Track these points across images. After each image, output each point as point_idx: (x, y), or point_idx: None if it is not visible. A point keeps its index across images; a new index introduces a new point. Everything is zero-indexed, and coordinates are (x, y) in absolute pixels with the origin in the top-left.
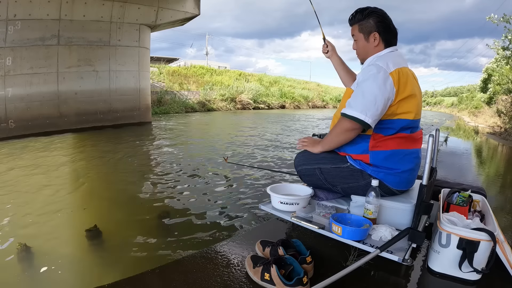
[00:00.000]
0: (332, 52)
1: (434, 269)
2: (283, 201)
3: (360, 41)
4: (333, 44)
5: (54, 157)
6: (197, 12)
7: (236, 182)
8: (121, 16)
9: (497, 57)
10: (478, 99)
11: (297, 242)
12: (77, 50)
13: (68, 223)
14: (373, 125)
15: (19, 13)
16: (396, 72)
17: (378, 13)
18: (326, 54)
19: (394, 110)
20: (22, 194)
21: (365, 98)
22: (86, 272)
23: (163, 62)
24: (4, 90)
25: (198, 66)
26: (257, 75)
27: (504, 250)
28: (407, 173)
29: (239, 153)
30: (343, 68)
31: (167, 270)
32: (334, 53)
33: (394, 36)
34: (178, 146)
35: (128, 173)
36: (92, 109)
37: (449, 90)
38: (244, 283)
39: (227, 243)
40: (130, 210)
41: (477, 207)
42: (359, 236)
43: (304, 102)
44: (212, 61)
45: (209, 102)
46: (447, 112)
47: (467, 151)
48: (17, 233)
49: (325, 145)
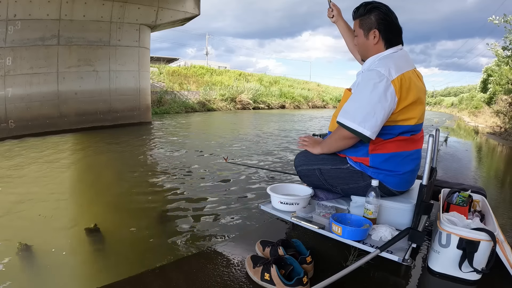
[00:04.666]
0: (337, 17)
1: (434, 269)
2: (283, 201)
3: (360, 37)
4: (338, 8)
5: (54, 157)
6: (197, 12)
7: (236, 182)
8: (121, 16)
9: (497, 60)
10: (478, 99)
11: (297, 242)
12: (77, 50)
13: (68, 223)
14: (374, 137)
15: (19, 13)
16: (399, 79)
17: (381, 9)
18: (332, 19)
19: (395, 117)
20: (21, 193)
21: (364, 109)
22: (86, 272)
23: (163, 62)
24: (4, 90)
25: (198, 66)
26: (257, 75)
27: (504, 250)
28: (408, 174)
29: (239, 153)
30: (349, 34)
31: (167, 270)
32: (340, 17)
33: (396, 35)
34: (178, 146)
35: (128, 173)
36: (92, 109)
37: (449, 90)
38: (244, 283)
39: (227, 243)
40: (130, 210)
41: (477, 207)
42: (359, 236)
43: (304, 102)
44: (212, 61)
45: (209, 102)
46: (447, 112)
47: (467, 151)
48: (17, 232)
49: (325, 148)
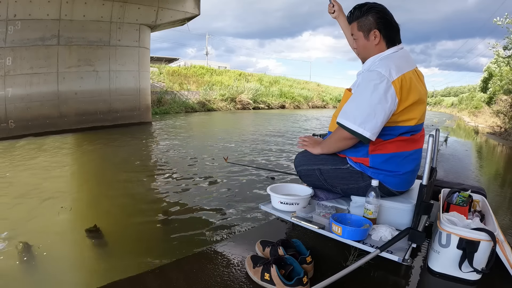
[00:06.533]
0: (338, 12)
1: (434, 269)
2: (283, 201)
3: (360, 40)
4: (339, 4)
5: (53, 157)
6: (197, 12)
7: (236, 182)
8: (121, 16)
9: (496, 58)
10: (478, 99)
11: (297, 242)
12: (77, 50)
13: (68, 223)
14: (374, 138)
15: (19, 13)
16: (399, 80)
17: (378, 8)
18: (332, 15)
19: (395, 118)
20: (21, 193)
21: (364, 110)
22: (86, 272)
23: (163, 62)
24: (4, 90)
25: (198, 66)
26: (257, 75)
27: (504, 250)
28: (408, 174)
29: (239, 153)
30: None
31: (167, 270)
32: (341, 13)
33: (396, 33)
34: (178, 146)
35: (128, 173)
36: (92, 109)
37: (449, 90)
38: (244, 283)
39: (227, 243)
40: (130, 210)
41: (477, 207)
42: (359, 236)
43: (304, 102)
44: (212, 61)
45: (209, 102)
46: (447, 112)
47: (467, 151)
48: (17, 232)
49: (324, 148)
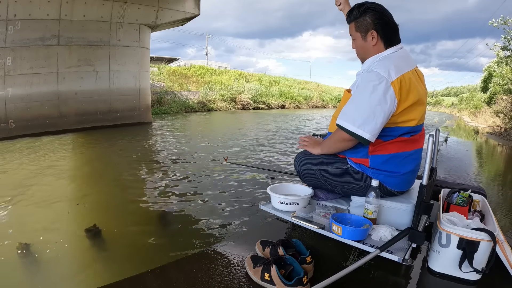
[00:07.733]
0: (344, 5)
1: (434, 269)
2: (283, 201)
3: (358, 41)
4: None
5: (53, 157)
6: (197, 12)
7: (236, 182)
8: (121, 16)
9: (497, 59)
10: (478, 99)
11: (297, 242)
12: (77, 50)
13: (67, 223)
14: (373, 139)
15: (19, 13)
16: (398, 81)
17: (376, 9)
18: (339, 7)
19: (395, 119)
20: (21, 193)
21: (363, 112)
22: (86, 272)
23: (163, 62)
24: (4, 90)
25: (198, 66)
26: (257, 75)
27: (504, 250)
28: (408, 174)
29: (239, 153)
30: None
31: (167, 270)
32: (347, 5)
33: (394, 33)
34: (178, 146)
35: (128, 173)
36: (92, 109)
37: (449, 90)
38: (244, 283)
39: (227, 243)
40: (130, 210)
41: (477, 207)
42: (359, 236)
43: (304, 102)
44: (212, 61)
45: (209, 102)
46: (447, 112)
47: (467, 151)
48: (17, 232)
49: (324, 148)
